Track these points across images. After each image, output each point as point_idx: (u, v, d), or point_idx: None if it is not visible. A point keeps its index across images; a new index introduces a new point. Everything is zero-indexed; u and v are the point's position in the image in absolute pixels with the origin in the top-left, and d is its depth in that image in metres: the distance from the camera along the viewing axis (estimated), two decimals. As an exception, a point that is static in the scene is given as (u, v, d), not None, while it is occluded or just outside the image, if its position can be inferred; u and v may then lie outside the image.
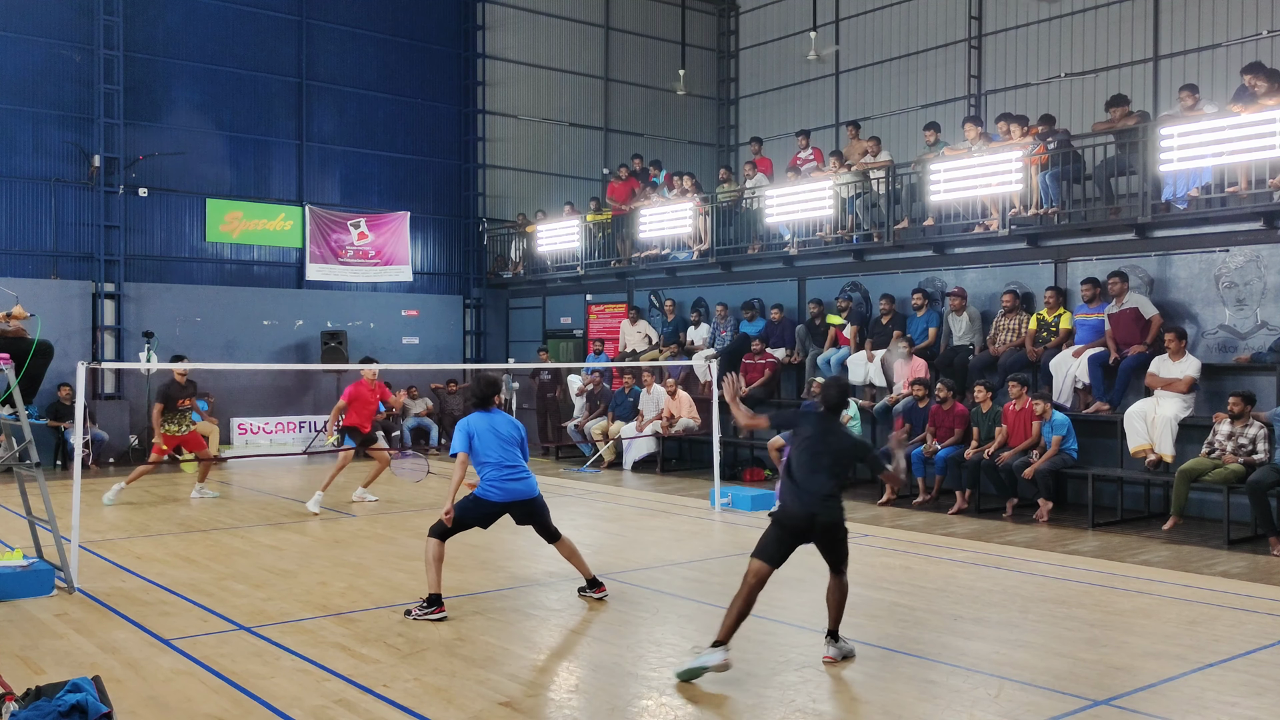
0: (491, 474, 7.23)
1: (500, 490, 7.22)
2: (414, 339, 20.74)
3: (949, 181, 13.43)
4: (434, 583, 7.06)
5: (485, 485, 7.24)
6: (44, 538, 8.34)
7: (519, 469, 7.30)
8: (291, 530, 10.67)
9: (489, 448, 7.21)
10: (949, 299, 13.27)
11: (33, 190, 16.96)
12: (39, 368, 7.89)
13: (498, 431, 7.29)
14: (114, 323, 17.46)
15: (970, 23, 19.49)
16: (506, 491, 7.23)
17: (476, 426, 7.30)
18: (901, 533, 10.39)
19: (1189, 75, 16.03)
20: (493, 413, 7.44)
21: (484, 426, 7.30)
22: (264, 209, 19.14)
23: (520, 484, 7.28)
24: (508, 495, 7.23)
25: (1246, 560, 9.02)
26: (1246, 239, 11.15)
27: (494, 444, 7.21)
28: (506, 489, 7.23)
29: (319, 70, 19.76)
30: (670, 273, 17.96)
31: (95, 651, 6.26)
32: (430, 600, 7.02)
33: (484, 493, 7.23)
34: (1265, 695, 5.45)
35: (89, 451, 15.87)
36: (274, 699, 5.39)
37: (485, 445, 7.22)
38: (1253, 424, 9.91)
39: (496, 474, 7.22)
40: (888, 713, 5.22)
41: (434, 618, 6.94)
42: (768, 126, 23.37)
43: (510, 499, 7.26)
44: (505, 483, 7.23)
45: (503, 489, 7.22)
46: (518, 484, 7.27)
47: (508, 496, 7.24)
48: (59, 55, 17.10)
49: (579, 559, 7.67)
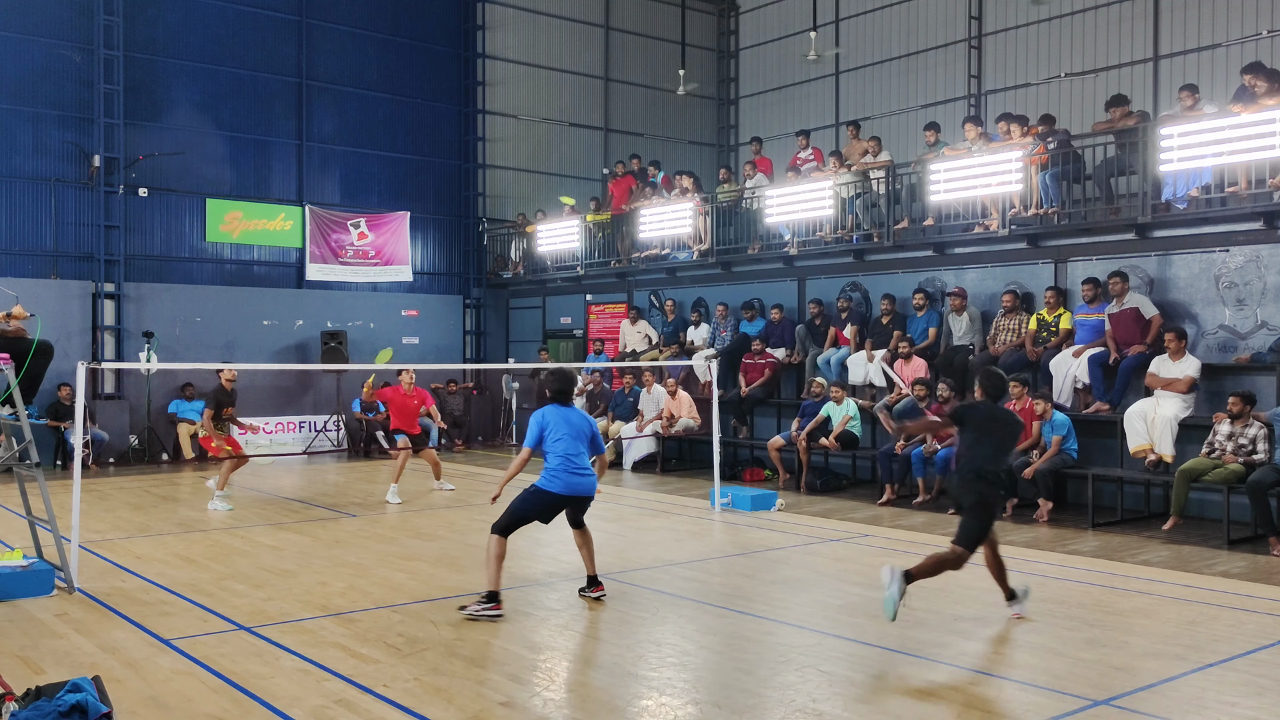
0: (556, 465, 7.26)
1: (563, 483, 7.25)
2: (414, 339, 20.74)
3: (949, 181, 13.43)
4: (493, 579, 7.07)
5: (548, 476, 7.29)
6: (44, 538, 8.33)
7: (584, 464, 7.35)
8: (291, 530, 10.67)
9: (559, 441, 7.28)
10: (949, 299, 13.27)
11: (33, 190, 16.96)
12: (39, 368, 7.89)
13: (571, 425, 7.36)
14: (114, 323, 17.46)
15: (970, 23, 19.50)
16: (569, 485, 7.26)
17: (550, 420, 7.38)
18: (902, 533, 10.39)
19: (1189, 75, 16.03)
20: (569, 407, 7.52)
21: (558, 420, 7.38)
22: (264, 209, 19.13)
23: (583, 479, 7.32)
24: (569, 489, 7.27)
25: (1246, 560, 9.02)
26: (1246, 239, 11.15)
27: (565, 437, 7.29)
28: (569, 482, 7.26)
29: (319, 70, 19.76)
30: (670, 273, 17.96)
31: (95, 651, 6.26)
32: (488, 596, 7.05)
33: (546, 484, 7.28)
34: (1265, 695, 5.45)
35: (89, 451, 15.87)
36: (274, 699, 5.39)
37: (556, 438, 7.29)
38: (1253, 424, 9.91)
39: (561, 466, 7.25)
40: (887, 712, 5.21)
41: (490, 614, 6.96)
42: (768, 126, 23.39)
43: (571, 493, 7.29)
44: (569, 475, 7.26)
45: (566, 482, 7.25)
46: (580, 479, 7.31)
47: (569, 490, 7.27)
48: (59, 55, 17.09)
49: (590, 553, 7.68)
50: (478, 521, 11.17)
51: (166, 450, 17.36)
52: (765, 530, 10.64)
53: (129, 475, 15.45)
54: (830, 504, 12.33)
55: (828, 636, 6.60)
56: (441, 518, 11.47)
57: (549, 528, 7.91)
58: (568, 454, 7.27)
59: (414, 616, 7.08)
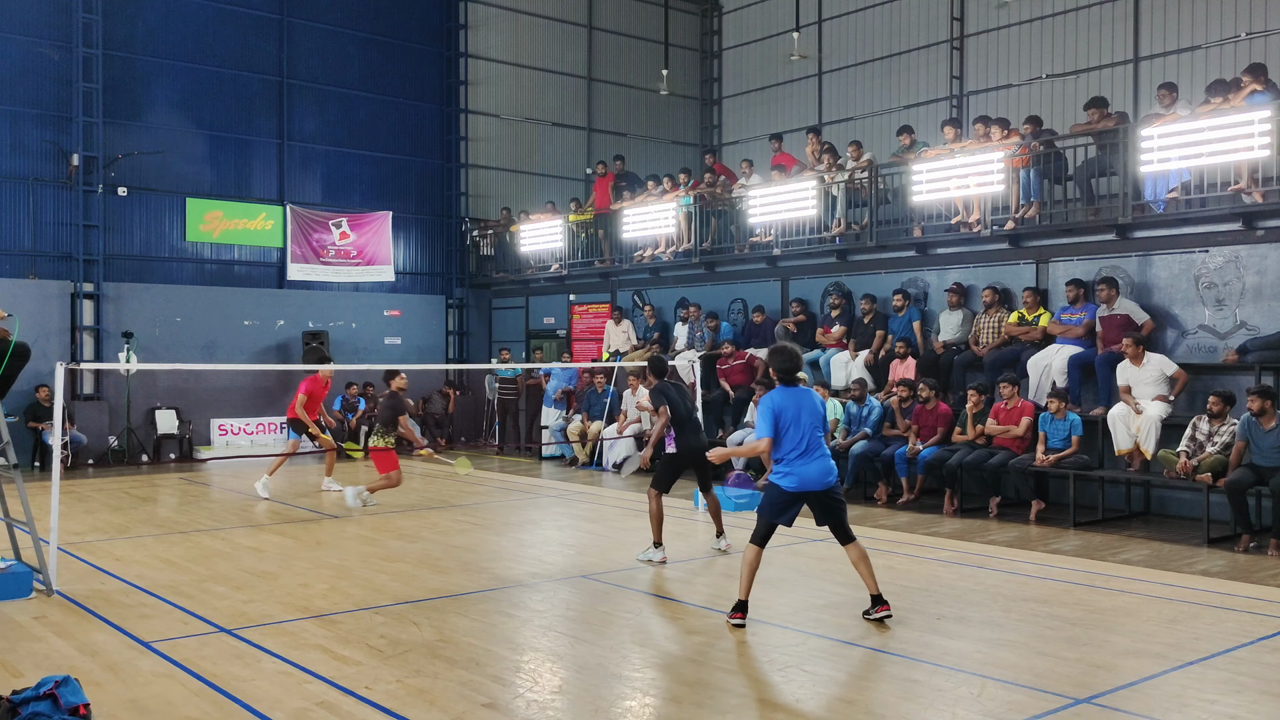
0: (791, 457, 6.67)
1: (797, 478, 6.68)
2: (396, 339, 20.67)
3: (931, 182, 13.48)
4: (743, 589, 6.76)
5: (781, 471, 6.72)
6: (22, 540, 8.25)
7: (821, 452, 6.70)
8: (272, 532, 10.60)
9: (792, 429, 6.64)
10: (946, 295, 13.28)
11: (10, 189, 16.79)
12: (14, 369, 7.82)
13: (806, 410, 6.69)
14: (93, 323, 17.32)
15: (952, 24, 19.58)
16: (803, 479, 6.67)
17: (782, 405, 6.71)
18: (885, 532, 10.41)
19: (1169, 77, 16.12)
20: (798, 389, 6.82)
21: (790, 405, 6.70)
22: (245, 208, 19.02)
23: (817, 470, 6.68)
24: (803, 483, 6.68)
25: (1226, 559, 9.08)
26: (1226, 239, 11.24)
27: (799, 426, 6.64)
28: (804, 476, 6.66)
29: (300, 69, 19.66)
30: (654, 273, 17.95)
31: (74, 654, 6.20)
32: (736, 606, 6.78)
33: (779, 479, 6.73)
34: (1245, 693, 5.49)
35: (67, 453, 15.73)
36: (255, 701, 5.35)
37: (788, 427, 6.65)
38: (1230, 423, 9.97)
39: (797, 457, 6.66)
40: (870, 712, 5.22)
41: (734, 622, 6.71)
42: (750, 127, 23.40)
43: (804, 488, 6.69)
44: (803, 466, 6.66)
45: (800, 476, 6.67)
46: (814, 469, 6.68)
47: (802, 485, 6.68)
48: (37, 53, 16.94)
49: (868, 569, 6.90)
50: (460, 523, 11.15)
51: (147, 452, 17.23)
52: (749, 531, 10.61)
53: (108, 477, 15.34)
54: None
55: (811, 636, 6.61)
56: (424, 519, 11.43)
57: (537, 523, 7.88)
58: (799, 445, 6.63)
59: (396, 618, 7.05)
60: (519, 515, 11.85)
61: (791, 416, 6.67)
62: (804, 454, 6.66)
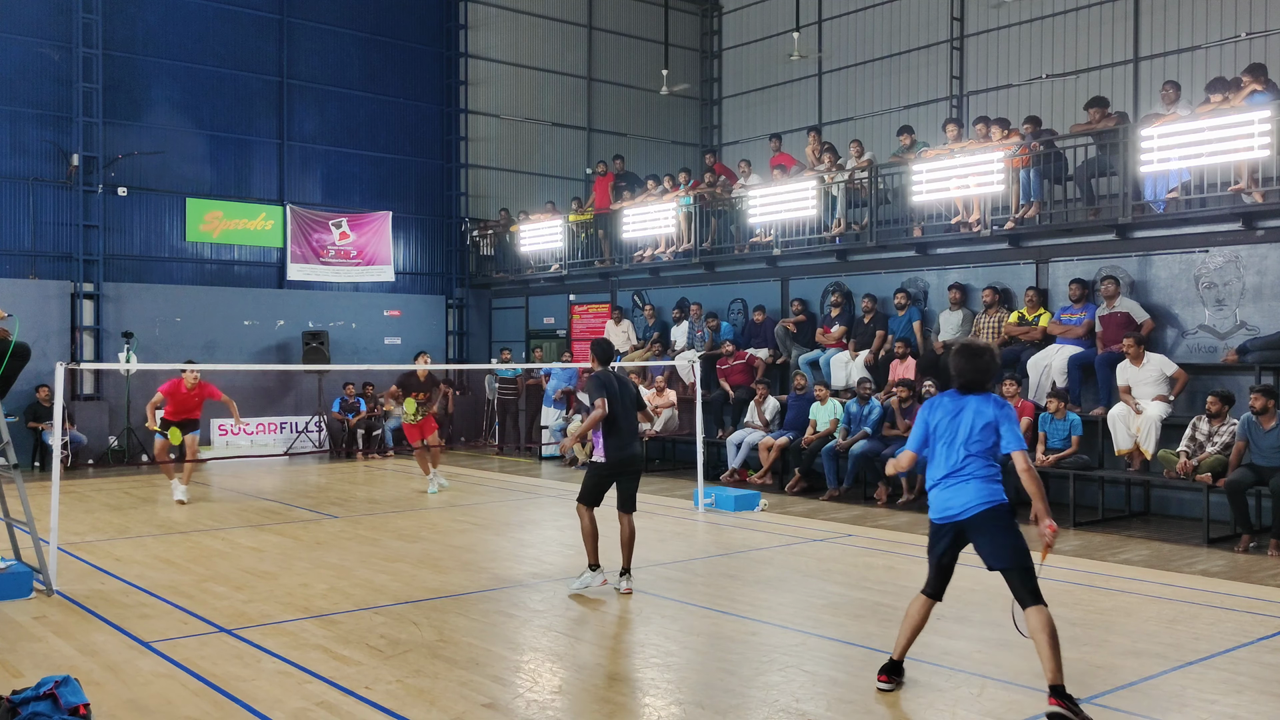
0: (937, 479, 5.43)
1: (939, 506, 5.41)
2: (396, 339, 20.66)
3: (931, 182, 13.48)
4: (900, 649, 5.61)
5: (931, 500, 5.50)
6: (22, 540, 8.25)
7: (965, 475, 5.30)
8: (272, 532, 10.61)
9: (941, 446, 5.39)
10: (949, 293, 13.27)
11: (10, 190, 16.79)
12: (13, 369, 7.82)
13: (964, 424, 5.32)
14: (93, 323, 17.31)
15: (952, 24, 19.58)
16: (943, 508, 5.38)
17: (937, 419, 5.44)
18: (885, 532, 10.42)
19: (1169, 76, 16.11)
20: (969, 397, 5.39)
21: (946, 418, 5.40)
22: (244, 208, 19.02)
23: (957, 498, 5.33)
24: (942, 513, 5.38)
25: (1225, 559, 9.08)
26: (1226, 240, 11.24)
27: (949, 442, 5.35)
28: (942, 504, 5.38)
29: (300, 69, 19.66)
30: (654, 272, 17.95)
31: (74, 654, 6.20)
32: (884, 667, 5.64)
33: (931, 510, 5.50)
34: (1244, 693, 5.49)
35: (67, 453, 15.73)
36: (255, 701, 5.35)
37: (938, 443, 5.42)
38: (1229, 423, 9.97)
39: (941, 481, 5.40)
40: (870, 712, 5.22)
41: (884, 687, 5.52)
42: (750, 127, 23.38)
43: (942, 519, 5.39)
44: (939, 492, 5.41)
45: (940, 504, 5.40)
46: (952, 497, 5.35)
47: (940, 516, 5.40)
48: (37, 53, 16.93)
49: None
50: (460, 523, 11.15)
51: (147, 452, 17.22)
52: (749, 530, 10.65)
53: (108, 477, 15.34)
54: (813, 504, 12.35)
55: (811, 636, 6.61)
56: (424, 519, 11.43)
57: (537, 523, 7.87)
58: (945, 467, 5.36)
59: (396, 618, 7.05)
60: (519, 515, 11.85)
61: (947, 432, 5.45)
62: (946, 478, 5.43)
